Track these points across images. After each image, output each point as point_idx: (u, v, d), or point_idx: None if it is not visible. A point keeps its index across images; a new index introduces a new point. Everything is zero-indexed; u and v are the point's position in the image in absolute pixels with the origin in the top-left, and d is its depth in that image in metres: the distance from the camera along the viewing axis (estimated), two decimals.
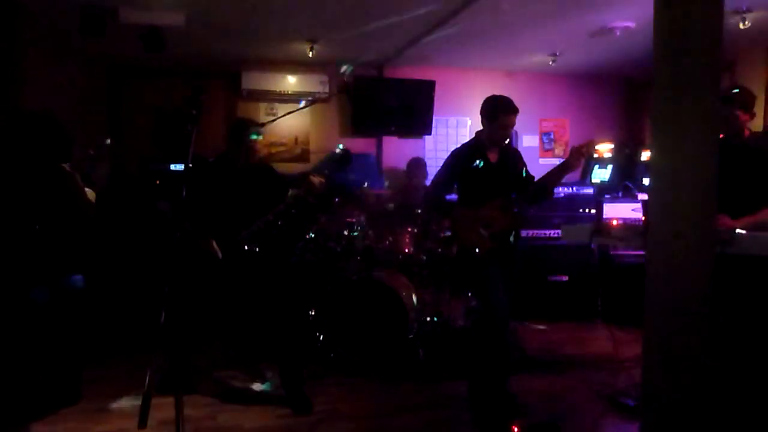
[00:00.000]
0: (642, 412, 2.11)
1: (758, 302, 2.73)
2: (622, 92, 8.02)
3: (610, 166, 6.92)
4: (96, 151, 3.42)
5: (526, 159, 3.76)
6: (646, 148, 6.79)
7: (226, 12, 4.93)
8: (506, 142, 3.59)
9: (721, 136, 3.51)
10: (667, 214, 1.96)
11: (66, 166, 3.29)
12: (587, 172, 6.99)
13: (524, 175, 3.65)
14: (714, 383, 1.94)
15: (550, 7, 4.99)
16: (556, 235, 5.37)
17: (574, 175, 6.18)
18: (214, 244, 3.47)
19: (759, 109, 6.19)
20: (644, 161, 6.57)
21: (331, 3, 4.73)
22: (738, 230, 2.82)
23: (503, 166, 3.55)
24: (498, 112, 3.40)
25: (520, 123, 3.60)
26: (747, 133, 3.33)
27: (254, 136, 3.61)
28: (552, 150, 8.00)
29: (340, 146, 3.72)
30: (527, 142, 7.75)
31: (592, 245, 4.57)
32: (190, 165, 2.32)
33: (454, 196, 3.70)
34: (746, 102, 3.26)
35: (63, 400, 3.42)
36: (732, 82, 6.57)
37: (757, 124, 6.21)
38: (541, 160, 7.86)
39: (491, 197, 3.45)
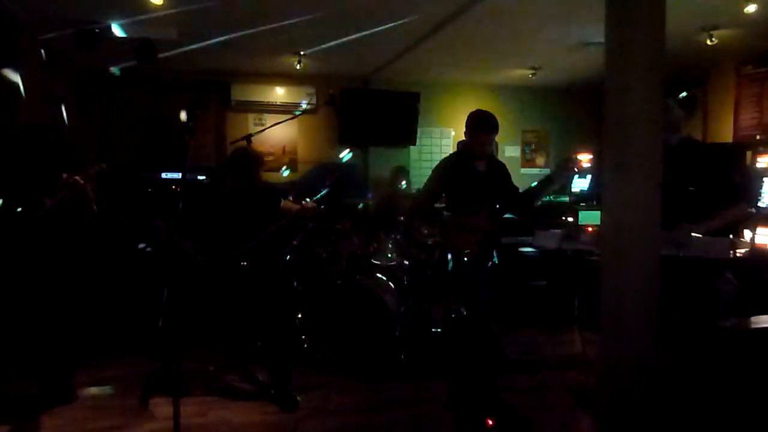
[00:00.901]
0: (597, 398, 2.30)
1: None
2: (596, 103, 8.27)
3: (589, 176, 7.15)
4: (94, 171, 3.55)
5: (508, 169, 3.96)
6: None
7: (215, 26, 5.12)
8: (489, 154, 3.78)
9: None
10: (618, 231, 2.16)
11: (79, 177, 3.39)
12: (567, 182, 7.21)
13: (508, 186, 3.85)
14: (661, 373, 2.13)
15: (530, 23, 5.22)
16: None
17: None
18: (201, 258, 3.66)
19: (728, 122, 6.50)
20: None
21: (317, 19, 4.94)
22: (694, 234, 3.03)
23: (490, 176, 3.74)
24: (476, 130, 3.61)
25: (502, 133, 3.79)
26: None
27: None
28: (533, 160, 8.25)
29: (348, 153, 3.90)
30: (509, 152, 7.98)
31: (568, 252, 4.79)
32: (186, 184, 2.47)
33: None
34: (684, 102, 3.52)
35: (57, 398, 3.55)
36: (704, 97, 6.86)
37: (726, 136, 6.50)
38: (523, 170, 8.10)
39: (479, 206, 3.64)
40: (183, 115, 2.54)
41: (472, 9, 4.67)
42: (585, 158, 7.40)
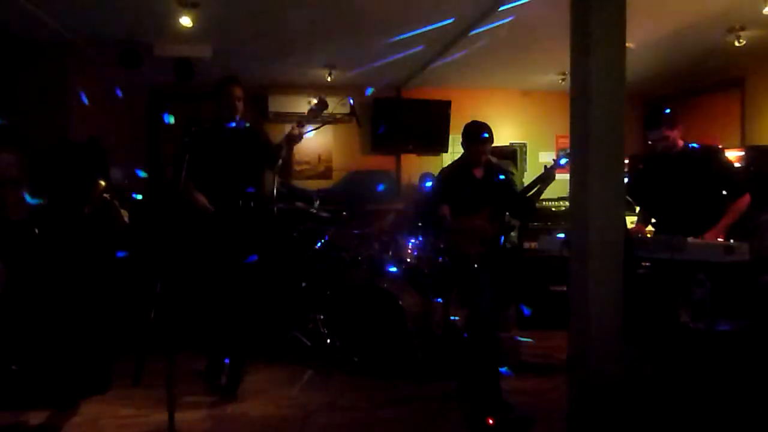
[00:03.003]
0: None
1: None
2: (635, 108, 8.19)
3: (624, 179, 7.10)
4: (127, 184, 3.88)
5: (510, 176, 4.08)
6: None
7: (247, 43, 5.44)
8: (487, 161, 3.92)
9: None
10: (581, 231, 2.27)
11: (107, 196, 3.70)
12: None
13: (508, 191, 3.97)
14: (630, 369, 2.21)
15: (557, 29, 5.27)
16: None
17: None
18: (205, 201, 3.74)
19: (766, 123, 6.34)
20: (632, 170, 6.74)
21: (345, 34, 5.17)
22: (689, 239, 3.07)
23: (488, 181, 3.89)
24: (468, 141, 3.78)
25: (536, 139, 3.91)
26: (681, 144, 3.64)
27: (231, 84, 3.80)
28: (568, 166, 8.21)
29: (315, 99, 3.87)
30: (543, 158, 7.99)
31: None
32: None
33: None
34: (670, 120, 3.58)
35: (94, 387, 3.89)
36: (742, 97, 6.72)
37: (764, 138, 6.33)
38: (559, 176, 8.08)
39: (478, 210, 3.79)
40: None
41: (498, 14, 4.76)
42: None
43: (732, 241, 3.15)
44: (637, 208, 5.03)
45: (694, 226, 3.36)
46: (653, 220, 3.98)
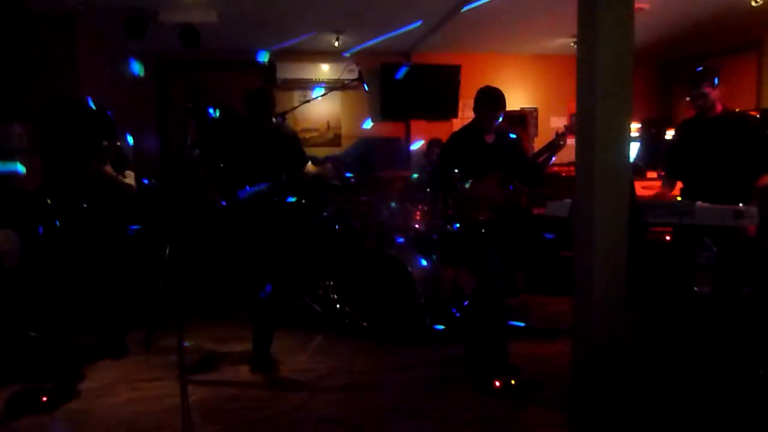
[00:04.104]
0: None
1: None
2: (651, 71, 8.04)
3: (637, 144, 7.01)
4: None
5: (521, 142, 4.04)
6: (670, 127, 6.86)
7: (252, 9, 5.38)
8: (498, 127, 3.88)
9: (694, 114, 3.75)
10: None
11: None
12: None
13: (518, 158, 3.93)
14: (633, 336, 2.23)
15: None
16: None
17: None
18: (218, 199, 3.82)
19: None
20: (668, 140, 6.65)
21: None
22: (698, 203, 3.04)
23: (499, 147, 3.85)
24: (483, 107, 3.72)
25: (548, 103, 3.83)
26: (720, 107, 3.54)
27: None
28: None
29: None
30: (555, 122, 7.90)
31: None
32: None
33: None
34: (711, 77, 3.49)
35: (110, 351, 4.00)
36: (759, 61, 6.55)
37: None
38: (570, 141, 7.98)
39: (488, 175, 3.77)
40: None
41: None
42: (633, 127, 7.27)
43: (741, 204, 3.12)
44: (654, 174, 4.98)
45: (724, 193, 3.30)
46: (681, 186, 3.92)
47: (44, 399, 3.24)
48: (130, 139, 5.88)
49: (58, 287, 3.90)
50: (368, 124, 6.48)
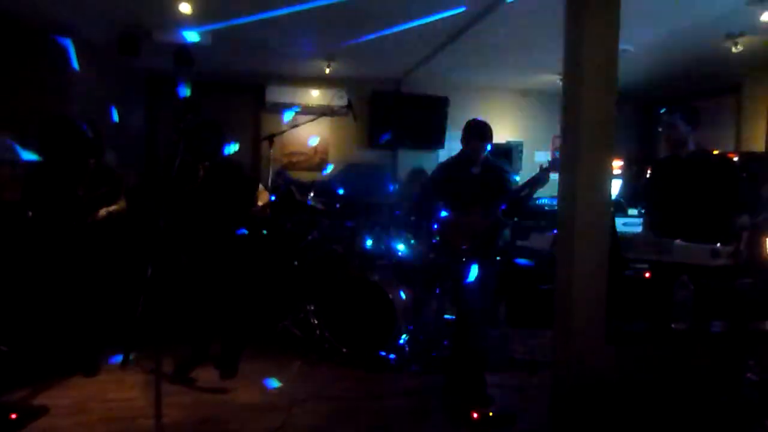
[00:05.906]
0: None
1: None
2: (633, 111, 8.22)
3: (619, 181, 7.14)
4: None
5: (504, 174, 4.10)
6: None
7: (246, 32, 5.43)
8: (484, 158, 3.94)
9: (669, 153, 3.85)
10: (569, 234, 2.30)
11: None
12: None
13: (502, 189, 3.99)
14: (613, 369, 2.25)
15: (555, 29, 5.29)
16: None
17: None
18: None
19: (761, 131, 6.37)
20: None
21: (344, 24, 5.16)
22: (676, 241, 3.10)
23: (484, 178, 3.92)
24: (469, 138, 3.81)
25: (533, 138, 3.92)
26: (693, 146, 3.64)
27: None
28: None
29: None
30: (539, 157, 8.01)
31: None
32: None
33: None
34: (687, 116, 3.59)
35: (81, 368, 3.93)
36: (738, 105, 6.74)
37: (760, 145, 6.37)
38: (553, 176, 8.09)
39: (472, 205, 3.82)
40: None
41: (496, 10, 4.75)
42: (616, 165, 7.41)
43: (718, 244, 3.17)
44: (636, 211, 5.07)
45: (700, 231, 3.35)
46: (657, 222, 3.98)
47: (12, 416, 3.16)
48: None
49: (33, 300, 3.84)
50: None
